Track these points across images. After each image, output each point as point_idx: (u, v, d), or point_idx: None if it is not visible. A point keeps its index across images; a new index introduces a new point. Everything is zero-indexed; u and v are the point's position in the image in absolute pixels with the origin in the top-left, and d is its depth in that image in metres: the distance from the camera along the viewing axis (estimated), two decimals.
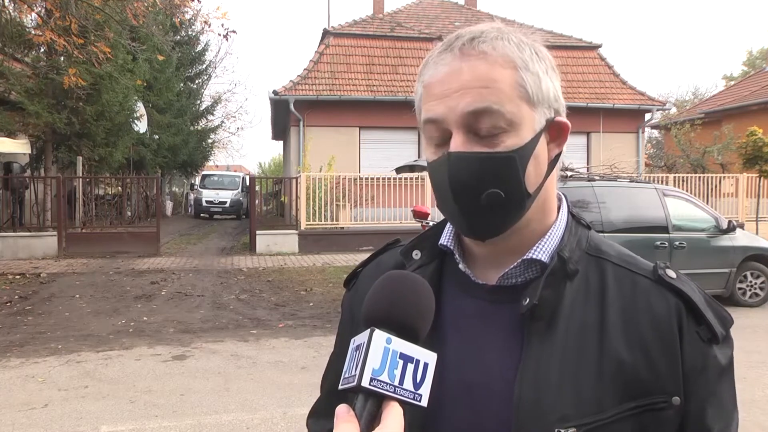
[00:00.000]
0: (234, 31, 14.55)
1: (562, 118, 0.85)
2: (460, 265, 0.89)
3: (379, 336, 0.67)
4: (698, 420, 0.81)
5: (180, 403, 4.93)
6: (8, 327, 7.35)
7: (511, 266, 0.85)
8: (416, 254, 0.92)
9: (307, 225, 14.47)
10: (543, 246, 0.85)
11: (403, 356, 0.67)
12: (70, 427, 4.43)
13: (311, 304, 8.88)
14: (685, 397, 0.80)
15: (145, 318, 7.88)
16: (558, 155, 0.86)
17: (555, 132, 0.85)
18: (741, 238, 8.87)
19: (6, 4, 12.47)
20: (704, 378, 0.81)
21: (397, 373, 0.66)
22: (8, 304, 8.64)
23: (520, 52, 0.81)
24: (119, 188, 19.48)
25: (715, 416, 0.82)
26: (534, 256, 0.84)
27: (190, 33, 27.49)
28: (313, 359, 6.13)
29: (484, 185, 0.79)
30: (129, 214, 19.59)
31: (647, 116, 19.83)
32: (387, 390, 0.65)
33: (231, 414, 4.71)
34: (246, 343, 6.80)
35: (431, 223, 5.86)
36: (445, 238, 0.91)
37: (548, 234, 0.86)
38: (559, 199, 0.91)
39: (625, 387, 0.78)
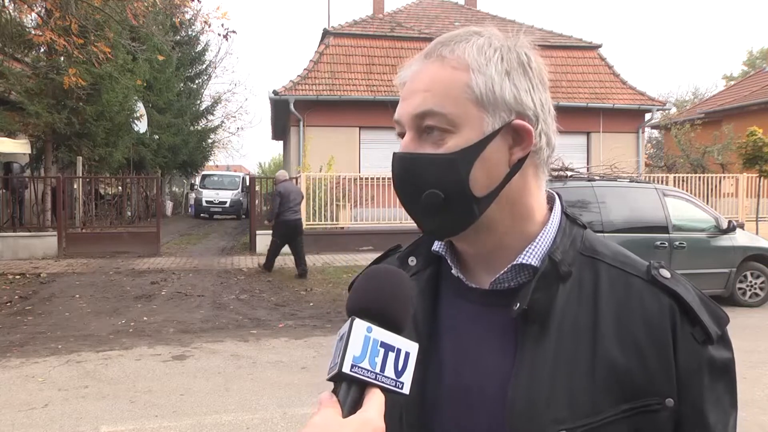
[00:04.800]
0: (234, 31, 14.54)
1: (523, 121, 0.81)
2: (453, 270, 0.89)
3: (360, 325, 0.68)
4: (693, 421, 0.80)
5: (180, 403, 4.93)
6: (8, 327, 7.35)
7: (502, 271, 0.84)
8: (412, 260, 0.92)
9: (307, 225, 14.45)
10: (533, 250, 0.84)
11: (384, 345, 0.68)
12: (70, 427, 4.44)
13: (311, 304, 8.89)
14: (680, 398, 0.79)
15: (145, 318, 7.88)
16: (523, 159, 0.82)
17: (514, 135, 0.81)
18: (741, 238, 8.87)
19: (6, 4, 12.47)
20: (698, 379, 0.80)
21: (378, 360, 0.68)
22: (8, 304, 8.64)
23: (478, 54, 0.81)
24: (119, 188, 19.48)
25: (712, 417, 0.81)
26: (524, 261, 0.83)
27: (190, 33, 27.44)
28: (313, 359, 6.14)
29: (423, 185, 0.80)
30: (129, 214, 19.58)
31: (647, 116, 19.81)
32: (368, 377, 0.67)
33: (231, 414, 4.71)
34: (246, 343, 6.80)
35: None
36: (438, 244, 0.91)
37: (538, 237, 0.85)
38: (552, 200, 0.90)
39: (618, 389, 0.78)
